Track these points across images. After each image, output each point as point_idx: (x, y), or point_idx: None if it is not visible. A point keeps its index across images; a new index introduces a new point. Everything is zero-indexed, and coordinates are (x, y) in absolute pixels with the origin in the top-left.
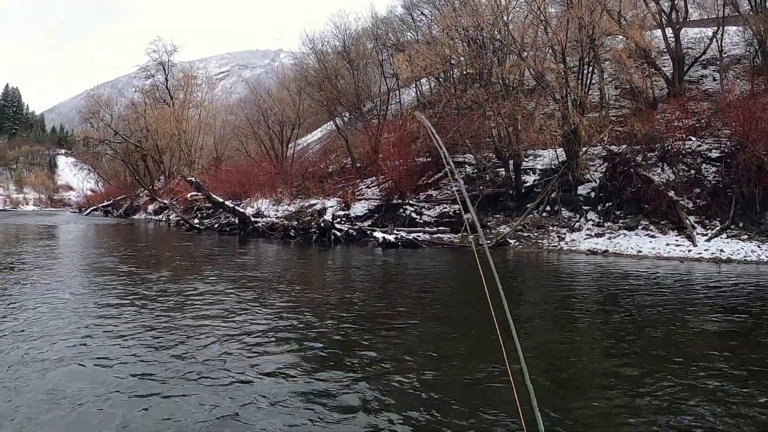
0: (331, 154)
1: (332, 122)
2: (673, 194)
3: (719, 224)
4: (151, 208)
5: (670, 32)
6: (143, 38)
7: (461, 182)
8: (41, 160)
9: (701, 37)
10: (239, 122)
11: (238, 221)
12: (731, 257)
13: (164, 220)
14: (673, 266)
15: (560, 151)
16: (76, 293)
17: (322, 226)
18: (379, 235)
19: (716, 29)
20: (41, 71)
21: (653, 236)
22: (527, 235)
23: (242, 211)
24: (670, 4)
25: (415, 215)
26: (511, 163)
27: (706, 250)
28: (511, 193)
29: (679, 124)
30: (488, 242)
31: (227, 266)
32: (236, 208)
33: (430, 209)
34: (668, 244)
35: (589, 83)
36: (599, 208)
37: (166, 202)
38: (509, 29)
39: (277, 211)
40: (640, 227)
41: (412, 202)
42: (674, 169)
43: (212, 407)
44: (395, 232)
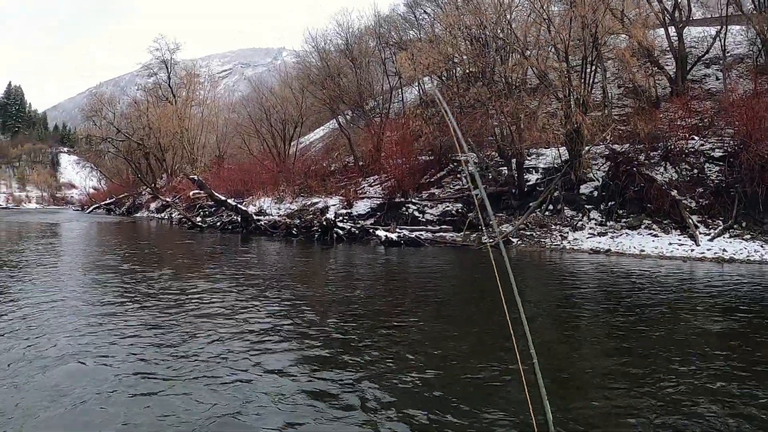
0: (333, 152)
1: (335, 120)
2: (675, 193)
3: (722, 224)
4: (153, 206)
5: (673, 31)
6: (143, 38)
7: (475, 172)
8: (44, 158)
9: (704, 36)
10: (242, 120)
11: (240, 219)
12: (734, 257)
13: (167, 218)
14: (675, 266)
15: (563, 149)
16: (78, 291)
17: (324, 224)
18: (381, 233)
19: (719, 28)
20: (41, 71)
21: (656, 235)
22: (530, 233)
23: (244, 209)
24: (673, 2)
25: (417, 214)
26: (513, 161)
27: (708, 249)
28: (513, 191)
29: (682, 123)
30: (491, 241)
31: (229, 264)
32: (239, 206)
33: (432, 208)
34: (671, 243)
35: (592, 82)
36: (602, 207)
37: (168, 200)
38: (512, 28)
39: (279, 209)
40: (642, 226)
41: (414, 200)
42: (677, 168)
43: (214, 405)
44: (398, 230)
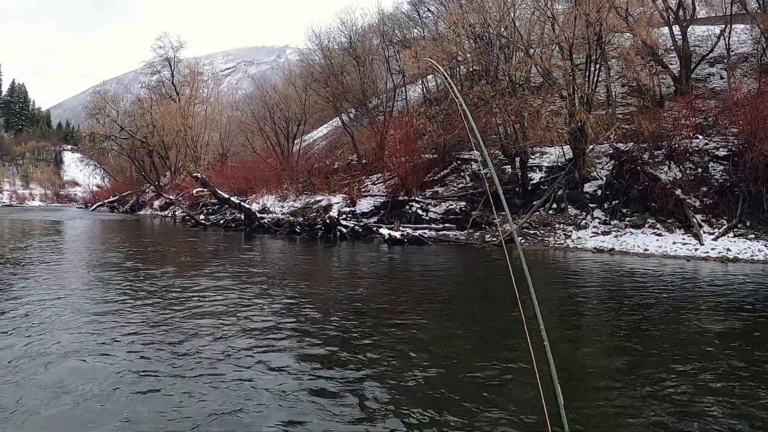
0: (336, 150)
1: (338, 118)
2: (680, 192)
3: (726, 223)
4: (156, 203)
5: (677, 30)
6: (144, 38)
7: (491, 165)
8: (47, 155)
9: (708, 34)
10: (245, 118)
11: (243, 217)
12: (738, 256)
13: (170, 215)
14: (679, 265)
15: (567, 148)
16: (80, 288)
17: (327, 222)
18: (384, 231)
19: (724, 27)
20: (41, 71)
21: (660, 235)
22: (533, 232)
23: (248, 207)
24: (677, 1)
25: (421, 212)
26: (517, 160)
27: (713, 249)
28: (517, 190)
29: (686, 122)
30: (494, 239)
31: (232, 262)
32: (242, 204)
33: (436, 206)
34: (675, 242)
35: (596, 80)
36: (606, 206)
37: (172, 197)
38: (516, 26)
39: (282, 207)
40: (646, 225)
41: (418, 198)
42: (681, 167)
43: (216, 402)
44: (401, 228)
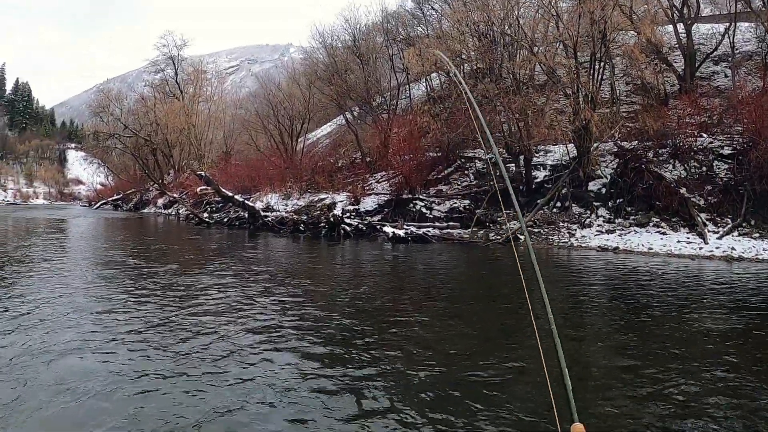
0: (340, 148)
1: (342, 117)
2: (684, 191)
3: (731, 222)
4: (160, 202)
5: (681, 28)
6: (143, 38)
7: (499, 160)
8: (51, 154)
9: (713, 33)
10: (249, 116)
11: (247, 215)
12: (743, 255)
13: (174, 214)
14: (683, 264)
15: (571, 146)
16: (84, 286)
17: (331, 220)
18: (388, 230)
19: (728, 25)
20: (41, 71)
21: (664, 233)
22: (537, 230)
23: (251, 205)
24: None
25: (425, 210)
26: (521, 158)
27: (717, 247)
28: (521, 188)
29: (690, 120)
30: (498, 237)
31: (236, 260)
32: (246, 202)
33: (440, 204)
34: (679, 241)
35: (600, 79)
36: (610, 204)
37: (175, 196)
38: (520, 24)
39: (286, 205)
40: (651, 224)
41: (422, 197)
42: (686, 165)
43: (219, 400)
44: (405, 227)
